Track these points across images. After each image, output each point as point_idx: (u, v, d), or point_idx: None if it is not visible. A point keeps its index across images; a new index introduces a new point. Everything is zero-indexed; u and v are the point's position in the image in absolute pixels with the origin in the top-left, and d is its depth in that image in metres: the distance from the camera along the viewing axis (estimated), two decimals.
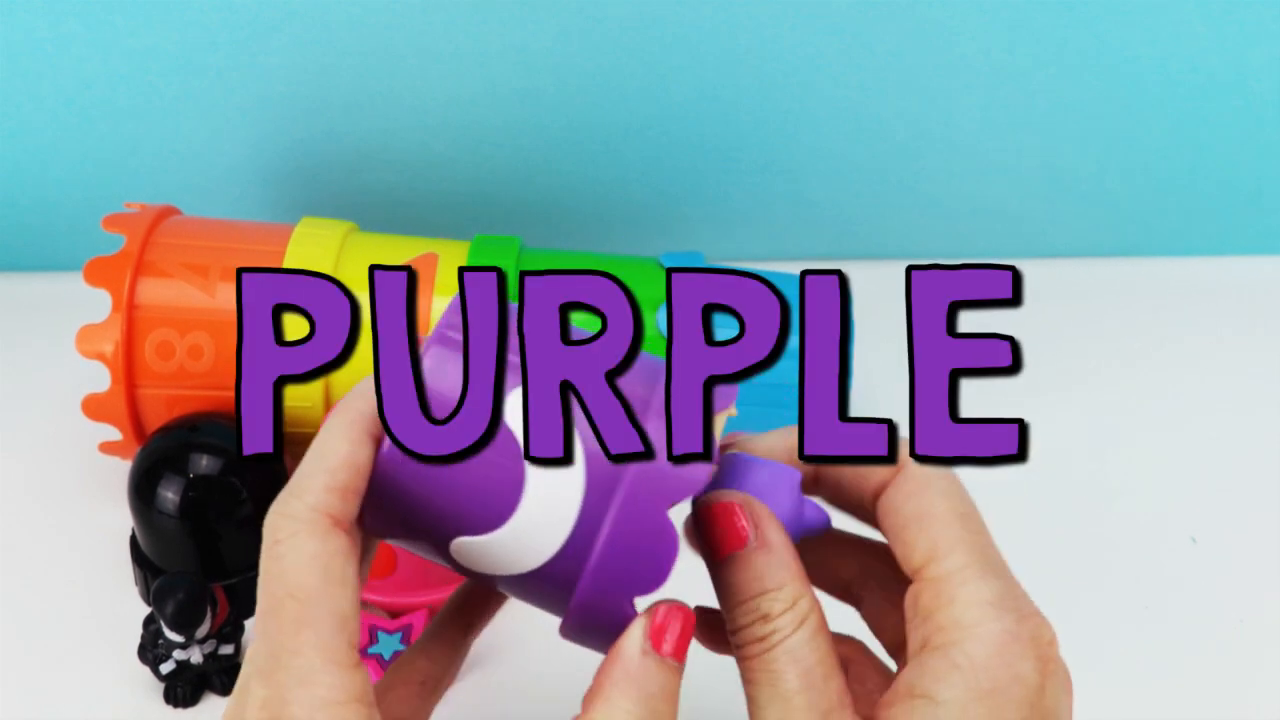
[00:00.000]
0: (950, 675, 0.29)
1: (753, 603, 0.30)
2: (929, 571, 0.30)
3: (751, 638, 0.30)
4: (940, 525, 0.31)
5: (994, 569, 0.30)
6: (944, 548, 0.30)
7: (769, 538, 0.31)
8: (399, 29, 0.63)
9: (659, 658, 0.29)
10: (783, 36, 0.64)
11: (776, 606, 0.30)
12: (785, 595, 0.30)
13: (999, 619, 0.29)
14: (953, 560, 0.30)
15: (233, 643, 0.48)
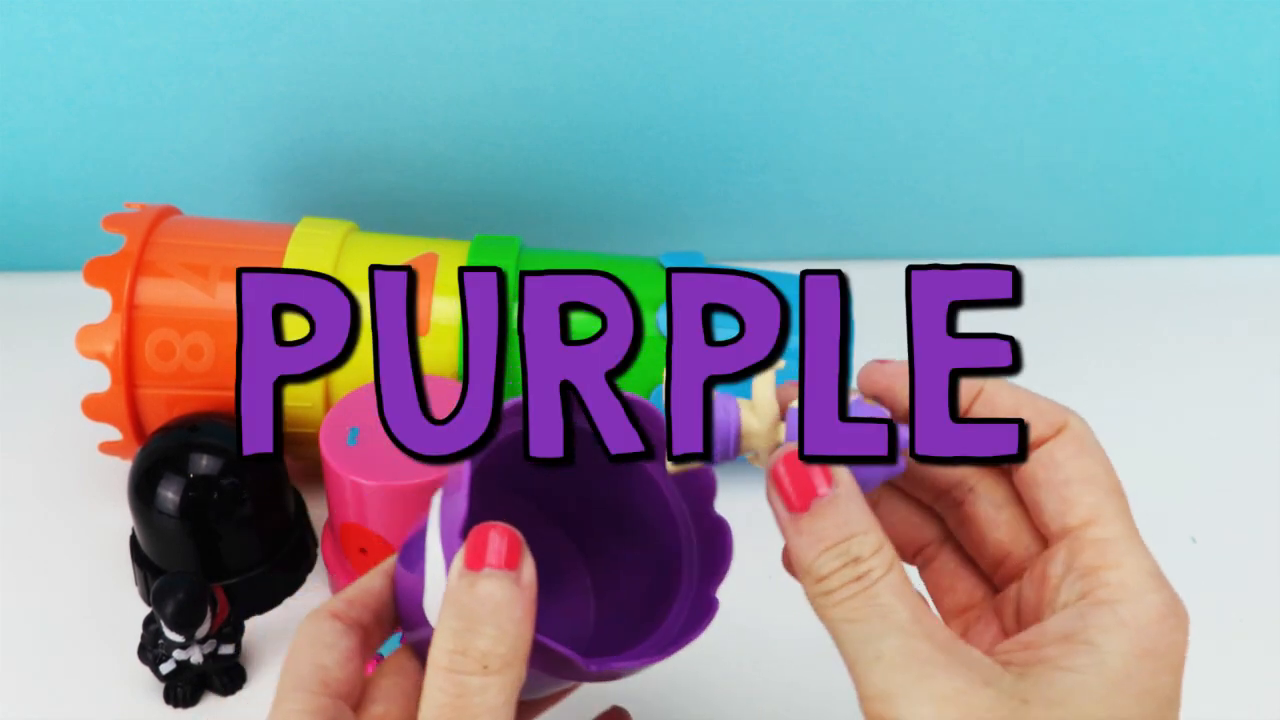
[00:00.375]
0: (1117, 630, 0.30)
1: (840, 546, 0.30)
2: (1093, 532, 0.31)
3: (845, 579, 0.30)
4: (1104, 491, 0.32)
5: (1143, 543, 0.32)
6: (1109, 513, 0.32)
7: (850, 485, 0.31)
8: (399, 29, 0.63)
9: (472, 574, 0.30)
10: (783, 36, 0.64)
11: (866, 548, 0.30)
12: (871, 540, 0.30)
13: (1160, 590, 0.30)
14: (1117, 527, 0.31)
15: (233, 643, 0.48)
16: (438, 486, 0.47)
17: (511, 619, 0.30)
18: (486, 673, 0.29)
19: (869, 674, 0.29)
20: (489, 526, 0.31)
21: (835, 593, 0.30)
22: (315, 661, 0.34)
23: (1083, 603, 0.31)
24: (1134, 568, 0.31)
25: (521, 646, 0.30)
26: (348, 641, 0.34)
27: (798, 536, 0.31)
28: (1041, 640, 0.30)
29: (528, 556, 0.31)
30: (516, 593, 0.30)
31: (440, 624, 0.30)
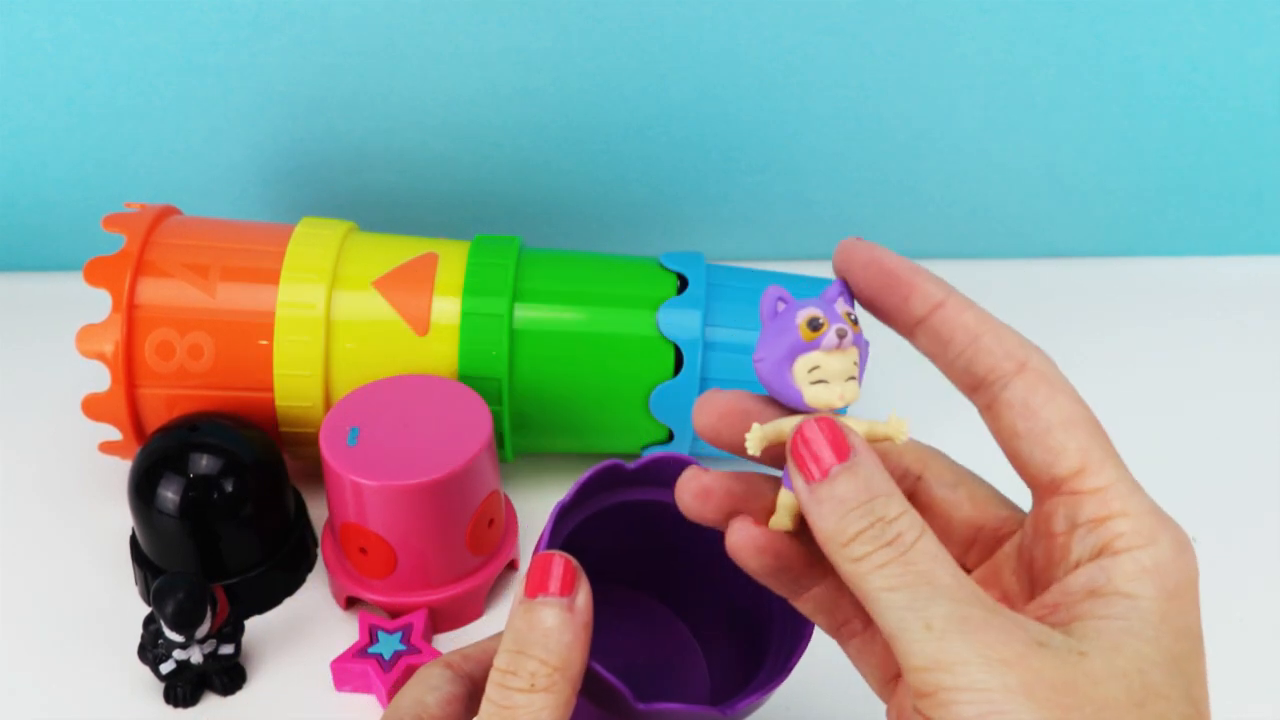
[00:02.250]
0: (1144, 577, 0.29)
1: (865, 506, 0.30)
2: (1088, 481, 0.31)
3: (878, 542, 0.29)
4: (1086, 435, 0.31)
5: (1135, 481, 0.31)
6: (1098, 456, 0.31)
7: (867, 452, 0.31)
8: (399, 29, 0.63)
9: (530, 602, 0.32)
10: (783, 36, 0.64)
11: (891, 509, 0.30)
12: (896, 502, 0.30)
13: (1168, 528, 0.30)
14: (1110, 470, 0.31)
15: (233, 643, 0.48)
16: (437, 487, 0.47)
17: (561, 642, 0.32)
18: (533, 690, 0.31)
19: (920, 644, 0.28)
20: (548, 555, 0.33)
21: (870, 557, 0.29)
22: (417, 698, 0.36)
23: (1102, 557, 0.30)
24: (1139, 510, 0.30)
25: (570, 669, 0.32)
26: (453, 688, 0.36)
27: (819, 506, 0.30)
28: (1068, 599, 0.30)
29: (583, 585, 0.34)
30: (568, 618, 0.32)
31: (500, 647, 0.32)
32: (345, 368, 0.53)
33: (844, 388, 0.31)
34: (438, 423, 0.49)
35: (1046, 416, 0.31)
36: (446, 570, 0.50)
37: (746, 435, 0.32)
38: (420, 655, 0.48)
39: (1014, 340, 0.32)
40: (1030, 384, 0.31)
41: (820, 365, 0.31)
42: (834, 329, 0.31)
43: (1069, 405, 0.31)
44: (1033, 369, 0.32)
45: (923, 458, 0.35)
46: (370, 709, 0.48)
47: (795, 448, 0.31)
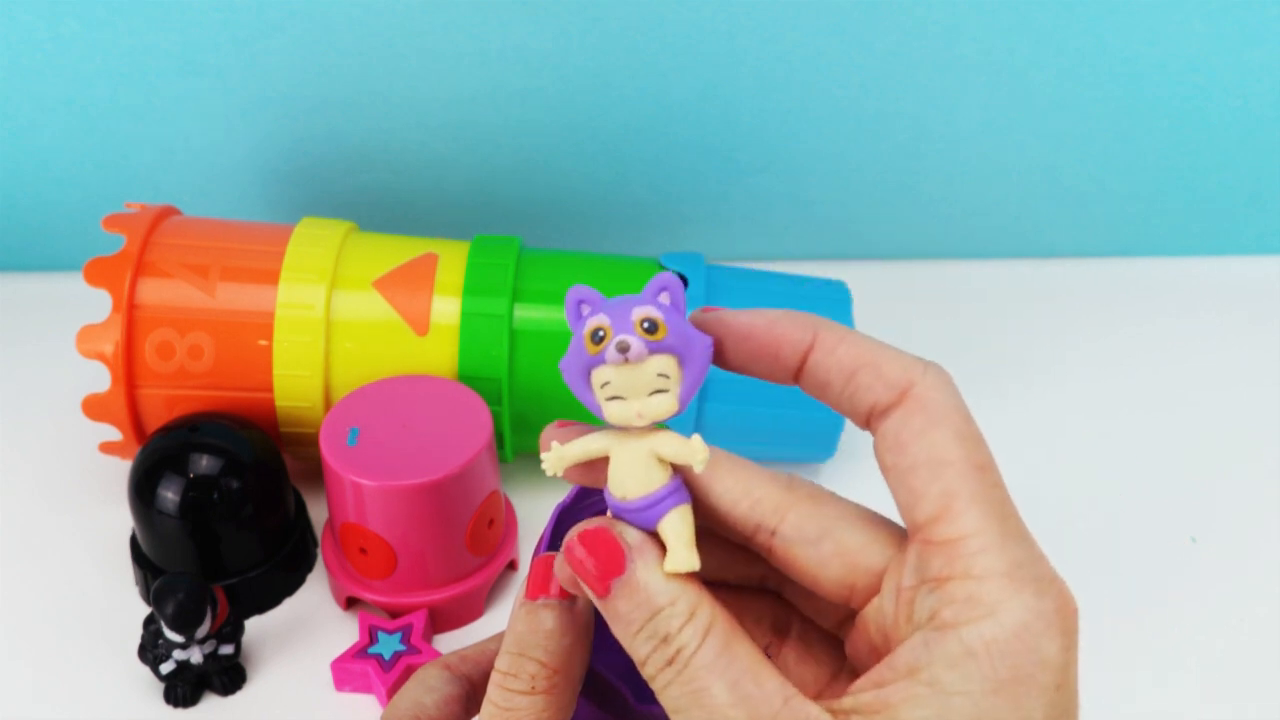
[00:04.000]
0: (965, 663, 0.25)
1: (648, 629, 0.27)
2: (940, 531, 0.27)
3: (660, 664, 0.27)
4: (955, 475, 0.27)
5: (1013, 532, 0.27)
6: (959, 504, 0.27)
7: (644, 553, 0.28)
8: (399, 29, 0.63)
9: (530, 604, 0.32)
10: (783, 36, 0.64)
11: (674, 622, 0.27)
12: (679, 610, 0.27)
13: (1019, 593, 0.25)
14: (968, 520, 0.26)
15: (233, 643, 0.48)
16: (437, 487, 0.47)
17: (562, 644, 0.32)
18: (534, 692, 0.31)
19: None
20: (548, 558, 0.33)
21: (656, 679, 0.27)
22: (415, 700, 0.36)
23: (930, 627, 0.26)
24: (987, 570, 0.26)
25: (570, 670, 0.32)
26: (451, 689, 0.36)
27: (613, 624, 0.28)
28: (889, 676, 0.26)
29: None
30: (569, 620, 0.32)
31: (500, 649, 0.32)
32: (345, 368, 0.53)
33: (644, 404, 0.28)
34: (438, 423, 0.49)
35: (914, 453, 0.27)
36: (446, 571, 0.50)
37: (543, 455, 0.30)
38: (420, 656, 0.48)
39: (897, 366, 0.28)
40: (905, 415, 0.28)
41: (610, 381, 0.28)
42: (614, 343, 0.28)
43: (944, 440, 0.27)
44: (913, 397, 0.28)
45: (781, 506, 0.30)
46: (370, 709, 0.48)
47: (569, 559, 0.29)
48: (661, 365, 0.28)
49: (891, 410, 0.28)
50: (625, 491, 0.29)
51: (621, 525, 0.29)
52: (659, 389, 0.28)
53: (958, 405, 0.28)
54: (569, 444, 0.29)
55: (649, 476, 0.29)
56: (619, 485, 0.29)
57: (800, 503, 0.29)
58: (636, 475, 0.29)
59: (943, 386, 0.28)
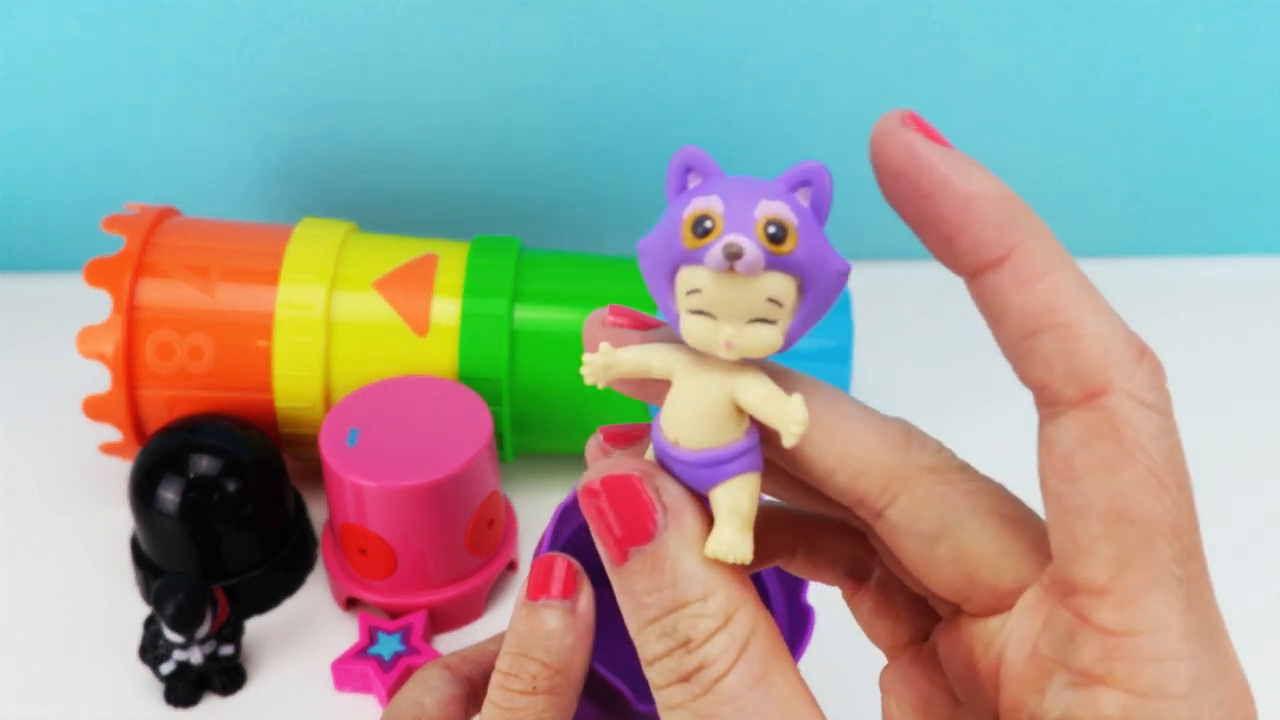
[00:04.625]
0: None
1: (664, 623, 0.22)
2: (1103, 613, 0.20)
3: (671, 675, 0.22)
4: (1138, 541, 0.20)
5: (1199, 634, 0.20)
6: (1135, 582, 0.20)
7: (680, 523, 0.22)
8: (399, 29, 0.63)
9: (531, 604, 0.29)
10: (783, 36, 0.64)
11: (699, 628, 0.21)
12: (711, 610, 0.21)
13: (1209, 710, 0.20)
14: (1144, 611, 0.20)
15: (233, 643, 0.48)
16: (437, 488, 0.47)
17: (563, 645, 0.31)
18: (535, 692, 0.31)
19: None
20: (550, 558, 0.32)
21: (664, 691, 0.22)
22: (415, 700, 0.35)
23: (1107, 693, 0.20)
24: (1157, 688, 0.20)
25: (572, 671, 0.31)
26: (452, 689, 0.36)
27: (623, 602, 0.22)
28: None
29: (585, 587, 0.33)
30: (570, 621, 0.31)
31: (501, 650, 0.32)
32: (345, 368, 0.53)
33: (739, 332, 0.21)
34: (438, 423, 0.49)
35: (1087, 491, 0.20)
36: (446, 571, 0.50)
37: (584, 358, 0.23)
38: (420, 656, 0.48)
39: (1098, 347, 0.20)
40: (1086, 433, 0.20)
41: (703, 289, 0.21)
42: (723, 243, 0.20)
43: (1134, 486, 0.20)
44: (1104, 410, 0.20)
45: (891, 483, 0.23)
46: (370, 709, 0.48)
47: (585, 504, 0.23)
48: (777, 287, 0.21)
49: (1069, 411, 0.21)
50: (682, 436, 0.22)
51: (663, 477, 0.22)
52: (764, 317, 0.21)
53: (1163, 428, 0.21)
54: (624, 350, 0.22)
55: (720, 426, 0.22)
56: (677, 425, 0.22)
57: (918, 480, 0.22)
58: (703, 420, 0.22)
59: (1152, 395, 0.21)
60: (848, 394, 0.24)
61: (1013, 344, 0.21)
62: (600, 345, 0.22)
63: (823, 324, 0.55)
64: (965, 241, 0.21)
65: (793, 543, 0.27)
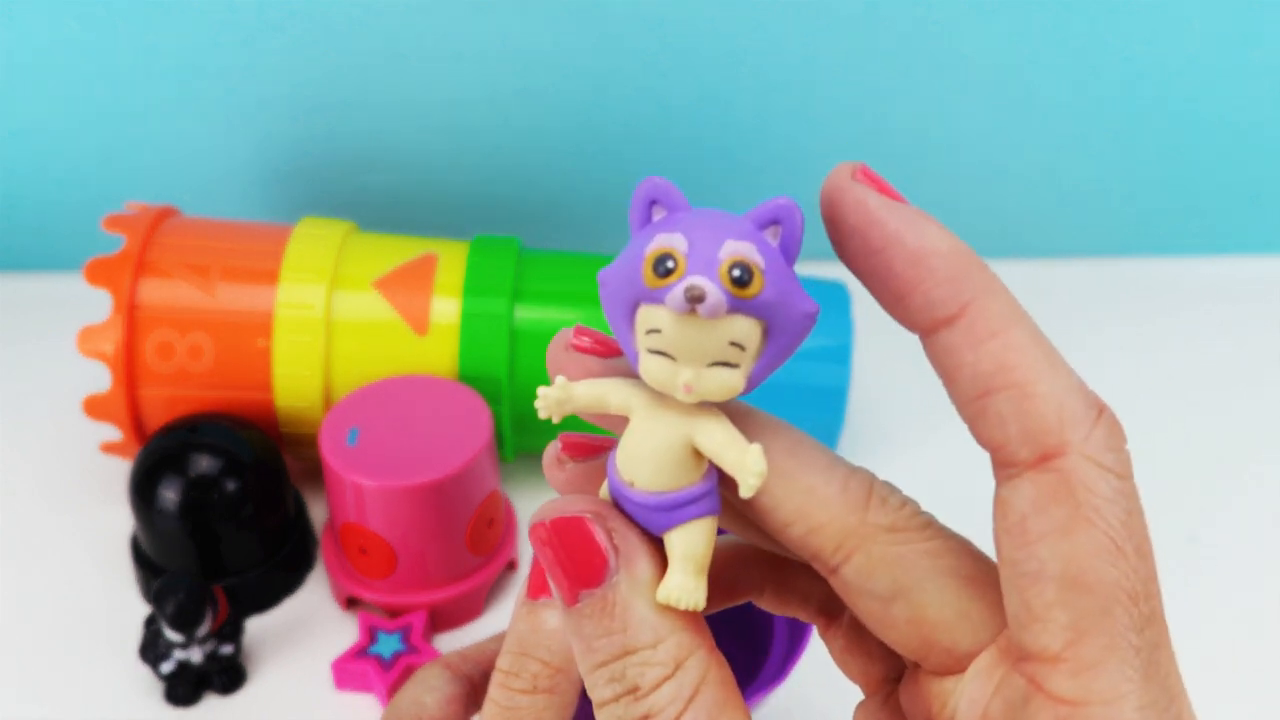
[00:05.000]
0: None
1: (613, 668, 0.21)
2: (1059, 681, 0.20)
3: (612, 717, 0.21)
4: (1095, 609, 0.20)
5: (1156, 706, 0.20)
6: (1090, 652, 0.20)
7: (634, 564, 0.21)
8: (399, 29, 0.63)
9: (532, 603, 0.29)
10: (783, 37, 0.64)
11: (648, 677, 0.21)
12: (660, 658, 0.21)
13: None
14: (1100, 681, 0.20)
15: (232, 642, 0.48)
16: (437, 487, 0.47)
17: (564, 644, 0.31)
18: (536, 691, 0.31)
19: None
20: None
21: None
22: (416, 699, 0.36)
23: None
24: None
25: (572, 670, 0.31)
26: (452, 688, 0.36)
27: (573, 642, 0.22)
28: None
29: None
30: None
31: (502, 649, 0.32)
32: (345, 368, 0.53)
33: (699, 375, 0.20)
34: (438, 423, 0.49)
35: (1042, 556, 0.20)
36: (446, 570, 0.50)
37: (539, 391, 0.22)
38: (420, 655, 0.48)
39: (1051, 407, 0.20)
40: (1041, 494, 0.20)
41: (663, 330, 0.20)
42: (684, 284, 0.19)
43: (1090, 551, 0.20)
44: (1059, 471, 0.20)
45: (846, 541, 0.22)
46: (370, 709, 0.48)
47: (534, 542, 0.22)
48: (740, 330, 0.20)
49: (1023, 474, 0.20)
50: (637, 477, 0.21)
51: (616, 518, 0.22)
52: (726, 360, 0.20)
53: (1119, 493, 0.20)
54: (581, 384, 0.22)
55: (676, 469, 0.21)
56: (632, 466, 0.22)
57: (874, 539, 0.22)
58: (659, 462, 0.21)
59: (1108, 457, 0.20)
60: (812, 439, 0.23)
61: (967, 403, 0.21)
62: (556, 379, 0.22)
63: (822, 324, 0.55)
64: (918, 299, 0.21)
65: (761, 580, 0.27)
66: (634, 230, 0.21)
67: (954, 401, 0.22)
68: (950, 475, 0.45)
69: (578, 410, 0.22)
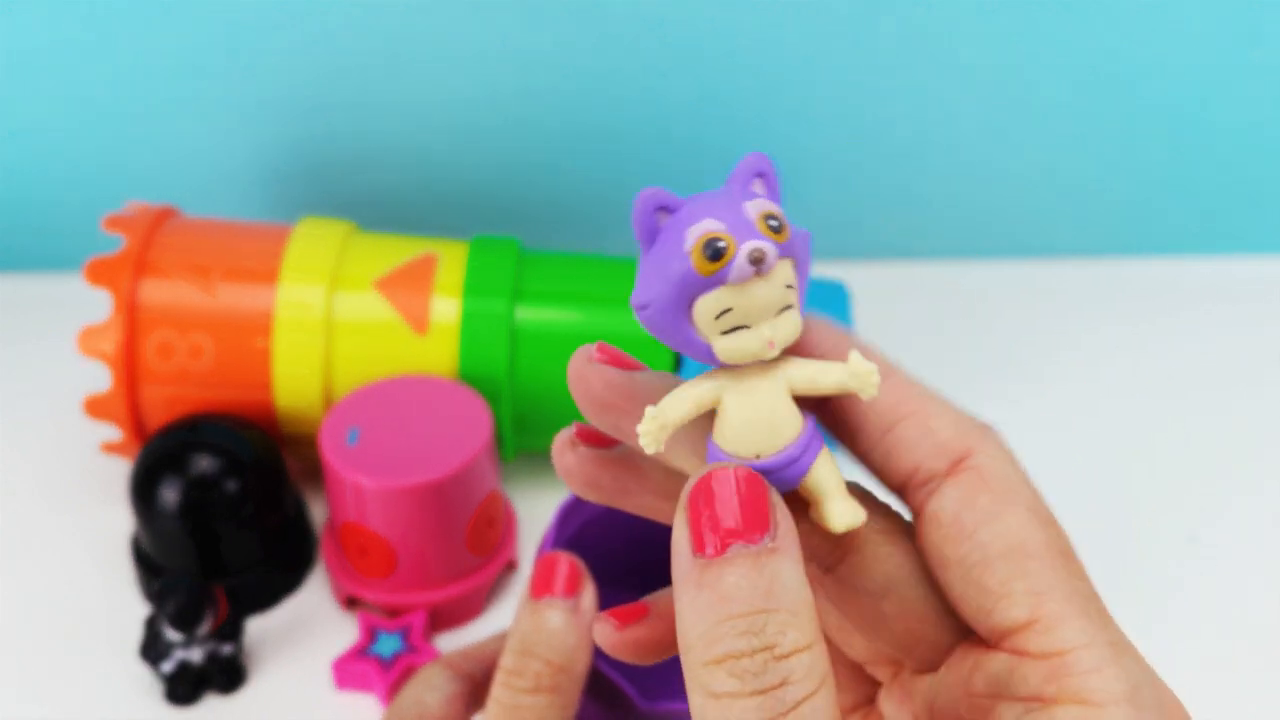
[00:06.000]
0: None
1: (753, 619, 0.20)
2: (1037, 642, 0.22)
3: (747, 684, 0.20)
4: (1043, 569, 0.22)
5: (1118, 641, 0.22)
6: (1054, 606, 0.22)
7: (793, 540, 0.21)
8: (400, 29, 0.63)
9: (535, 603, 0.31)
10: (783, 37, 0.64)
11: (788, 639, 0.20)
12: (800, 624, 0.20)
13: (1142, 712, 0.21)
14: (1071, 630, 0.22)
15: (232, 642, 0.48)
16: (437, 487, 0.47)
17: (566, 643, 0.32)
18: (539, 690, 0.31)
19: None
20: (553, 556, 0.32)
21: (731, 703, 0.20)
22: (417, 698, 0.36)
23: None
24: (1107, 695, 0.21)
25: (575, 669, 0.32)
26: (454, 687, 0.36)
27: (694, 592, 0.21)
28: None
29: (588, 586, 0.33)
30: (573, 619, 0.32)
31: (505, 648, 0.32)
32: (345, 368, 0.53)
33: (775, 326, 0.22)
34: (438, 423, 0.49)
35: (985, 541, 0.22)
36: (446, 570, 0.50)
37: (639, 429, 0.22)
38: (420, 655, 0.48)
39: (949, 424, 0.23)
40: (966, 493, 0.23)
41: (733, 306, 0.21)
42: (745, 250, 0.21)
43: (1021, 524, 0.22)
44: (973, 469, 0.23)
45: (846, 538, 0.24)
46: (370, 709, 0.48)
47: (692, 499, 0.21)
48: (787, 274, 0.22)
49: (943, 483, 0.23)
50: (762, 447, 0.22)
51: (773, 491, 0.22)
52: (785, 304, 0.22)
53: (1024, 477, 0.23)
54: (667, 401, 0.22)
55: (788, 422, 0.22)
56: (750, 440, 0.22)
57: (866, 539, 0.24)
58: (775, 423, 0.22)
59: (1004, 454, 0.23)
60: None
61: (876, 442, 0.23)
62: (645, 410, 0.22)
63: None
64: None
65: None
66: (643, 241, 0.22)
67: (862, 450, 0.24)
68: None
69: (677, 426, 0.22)
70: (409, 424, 0.49)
